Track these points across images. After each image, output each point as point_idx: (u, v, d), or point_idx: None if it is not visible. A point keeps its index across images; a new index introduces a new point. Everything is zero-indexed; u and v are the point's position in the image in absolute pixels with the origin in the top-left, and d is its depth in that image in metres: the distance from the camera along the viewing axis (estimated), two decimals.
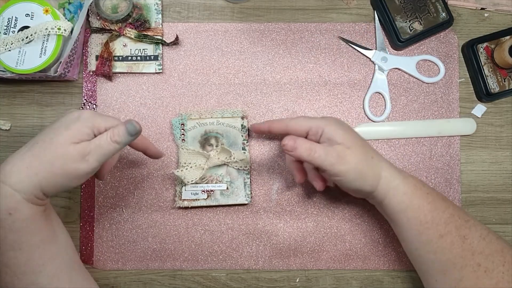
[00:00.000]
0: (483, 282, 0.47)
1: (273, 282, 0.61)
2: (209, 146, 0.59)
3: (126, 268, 0.60)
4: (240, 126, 0.59)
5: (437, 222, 0.49)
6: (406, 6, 0.60)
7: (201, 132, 0.59)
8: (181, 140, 0.59)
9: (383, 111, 0.61)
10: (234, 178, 0.59)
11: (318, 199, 0.61)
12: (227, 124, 0.59)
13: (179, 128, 0.59)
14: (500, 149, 0.62)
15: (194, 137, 0.59)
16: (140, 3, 0.61)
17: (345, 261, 0.61)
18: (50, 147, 0.44)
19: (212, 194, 0.59)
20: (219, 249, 0.60)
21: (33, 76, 0.57)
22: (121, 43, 0.60)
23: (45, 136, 0.45)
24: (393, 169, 0.51)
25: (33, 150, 0.45)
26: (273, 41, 0.62)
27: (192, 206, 0.59)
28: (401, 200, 0.50)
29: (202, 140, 0.59)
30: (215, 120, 0.59)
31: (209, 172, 0.59)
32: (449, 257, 0.49)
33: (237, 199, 0.59)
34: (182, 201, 0.59)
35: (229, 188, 0.59)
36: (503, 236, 0.61)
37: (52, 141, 0.44)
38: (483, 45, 0.61)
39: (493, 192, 0.62)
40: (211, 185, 0.59)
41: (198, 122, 0.59)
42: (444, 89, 0.62)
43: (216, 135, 0.59)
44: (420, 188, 0.51)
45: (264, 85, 0.62)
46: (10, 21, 0.57)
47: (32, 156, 0.44)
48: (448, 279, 0.49)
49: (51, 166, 0.44)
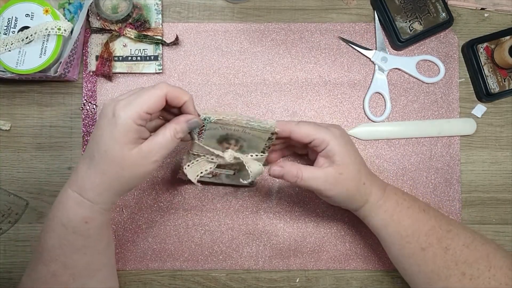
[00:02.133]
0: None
1: (273, 282, 0.61)
2: (227, 144, 0.52)
3: (126, 268, 0.60)
4: (267, 139, 0.51)
5: (417, 235, 0.50)
6: (406, 6, 0.60)
7: (222, 134, 0.51)
8: (197, 134, 0.50)
9: (383, 111, 0.61)
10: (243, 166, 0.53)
11: (318, 199, 0.61)
12: (253, 135, 0.51)
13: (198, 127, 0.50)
14: (500, 149, 0.62)
15: (213, 136, 0.51)
16: (140, 3, 0.61)
17: (345, 261, 0.61)
18: (112, 163, 0.44)
19: (218, 175, 0.57)
20: (219, 249, 0.60)
21: (33, 76, 0.57)
22: (121, 43, 0.60)
23: (99, 148, 0.44)
24: (379, 193, 0.51)
25: (98, 166, 0.44)
26: (273, 41, 0.62)
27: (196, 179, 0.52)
28: (382, 217, 0.51)
29: (220, 139, 0.52)
30: (241, 128, 0.50)
31: None
32: (433, 269, 0.49)
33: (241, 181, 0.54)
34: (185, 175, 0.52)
35: (236, 174, 0.57)
36: (503, 236, 0.61)
37: (109, 156, 0.44)
38: (483, 45, 0.61)
39: (493, 192, 0.62)
40: (218, 169, 0.55)
41: (221, 126, 0.50)
42: (444, 89, 0.62)
43: (238, 139, 0.51)
44: (401, 203, 0.51)
45: (264, 85, 0.62)
46: (10, 21, 0.57)
47: (100, 174, 0.44)
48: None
49: (122, 178, 0.45)
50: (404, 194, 0.53)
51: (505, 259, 0.49)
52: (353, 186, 0.50)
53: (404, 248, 0.50)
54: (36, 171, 0.61)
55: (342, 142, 0.50)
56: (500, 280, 0.47)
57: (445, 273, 0.48)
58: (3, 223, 0.60)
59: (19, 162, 0.61)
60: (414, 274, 0.51)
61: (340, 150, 0.49)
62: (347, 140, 0.51)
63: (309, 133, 0.49)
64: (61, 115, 0.61)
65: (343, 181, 0.49)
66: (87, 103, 0.61)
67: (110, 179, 0.45)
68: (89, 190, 0.45)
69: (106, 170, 0.44)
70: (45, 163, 0.61)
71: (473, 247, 0.49)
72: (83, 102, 0.61)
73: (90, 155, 0.45)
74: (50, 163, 0.61)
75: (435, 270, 0.49)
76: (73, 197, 0.45)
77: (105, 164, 0.44)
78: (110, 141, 0.43)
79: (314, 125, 0.50)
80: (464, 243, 0.49)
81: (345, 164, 0.49)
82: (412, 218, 0.50)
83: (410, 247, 0.50)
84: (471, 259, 0.48)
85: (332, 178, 0.49)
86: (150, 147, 0.44)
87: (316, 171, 0.49)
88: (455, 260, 0.48)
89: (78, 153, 0.61)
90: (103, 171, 0.44)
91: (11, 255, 0.60)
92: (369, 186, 0.51)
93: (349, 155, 0.50)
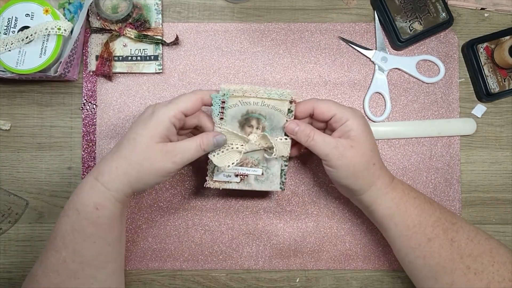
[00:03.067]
0: (474, 284, 0.47)
1: (273, 282, 0.61)
2: (249, 128, 0.53)
3: (126, 268, 0.60)
4: (287, 110, 0.52)
5: (424, 226, 0.50)
6: (406, 6, 0.60)
7: (243, 111, 0.52)
8: (219, 118, 0.52)
9: (383, 111, 0.61)
10: (271, 164, 0.54)
11: (318, 199, 0.61)
12: (273, 106, 0.52)
13: (219, 105, 0.51)
14: (500, 149, 0.62)
15: (233, 116, 0.52)
16: (140, 3, 0.61)
17: (345, 261, 0.61)
18: (135, 149, 0.47)
19: (246, 179, 0.54)
20: (219, 249, 0.60)
21: (33, 76, 0.57)
22: (121, 43, 0.60)
23: (128, 136, 0.48)
24: (388, 179, 0.51)
25: (120, 151, 0.48)
26: (273, 41, 0.62)
27: (223, 188, 0.54)
28: (388, 206, 0.50)
29: (242, 120, 0.52)
30: (260, 100, 0.52)
31: (245, 155, 0.54)
32: (439, 261, 0.49)
33: (271, 186, 0.55)
34: (213, 182, 0.54)
35: (264, 174, 0.54)
36: (503, 236, 0.61)
37: (135, 142, 0.47)
38: (483, 45, 0.61)
39: (493, 192, 0.62)
40: (246, 168, 0.54)
41: (241, 101, 0.52)
42: (444, 89, 0.62)
43: (259, 116, 0.52)
44: (408, 193, 0.51)
45: (264, 85, 0.62)
46: (10, 21, 0.57)
47: (120, 158, 0.47)
48: (439, 284, 0.49)
49: (140, 167, 0.47)
50: (410, 186, 0.53)
51: (508, 254, 0.49)
52: (362, 163, 0.49)
53: (410, 239, 0.50)
54: (36, 171, 0.61)
55: (361, 122, 0.50)
56: (503, 276, 0.47)
57: (450, 267, 0.48)
58: (3, 223, 0.60)
59: (19, 162, 0.61)
60: (419, 268, 0.50)
61: (357, 127, 0.49)
62: (365, 122, 0.51)
63: (331, 108, 0.50)
64: (61, 115, 0.61)
65: (353, 154, 0.49)
66: (87, 103, 0.61)
67: (128, 165, 0.47)
68: (105, 173, 0.47)
69: (127, 155, 0.47)
70: (45, 163, 0.61)
71: (477, 241, 0.49)
72: (83, 102, 0.61)
73: (119, 143, 0.49)
74: (50, 163, 0.61)
75: (441, 263, 0.49)
76: (89, 181, 0.48)
77: (128, 150, 0.47)
78: (141, 130, 0.47)
79: (336, 102, 0.51)
80: (468, 237, 0.49)
81: (359, 140, 0.49)
82: (418, 209, 0.50)
83: (417, 238, 0.49)
84: (475, 253, 0.48)
85: (343, 148, 0.48)
86: (175, 147, 0.47)
87: (329, 137, 0.49)
88: (460, 253, 0.48)
89: (78, 153, 0.61)
90: (124, 156, 0.47)
91: (11, 255, 0.60)
92: (378, 169, 0.50)
93: (365, 134, 0.50)
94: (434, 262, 0.49)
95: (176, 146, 0.48)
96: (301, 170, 0.61)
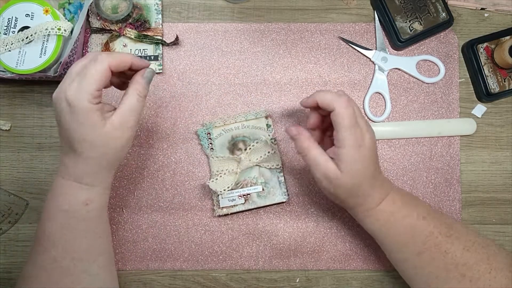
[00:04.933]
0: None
1: (273, 282, 0.61)
2: (238, 151, 0.59)
3: (126, 268, 0.60)
4: (266, 126, 0.60)
5: (414, 241, 0.49)
6: (406, 6, 0.60)
7: (228, 138, 0.59)
8: (209, 149, 0.59)
9: (383, 111, 0.61)
10: (268, 178, 0.59)
11: (318, 199, 0.61)
12: (253, 126, 0.59)
13: (206, 138, 0.59)
14: (500, 149, 0.62)
15: (222, 144, 0.59)
16: (140, 3, 0.61)
17: (345, 261, 0.61)
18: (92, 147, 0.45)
19: (249, 198, 0.59)
20: (219, 249, 0.60)
21: (33, 76, 0.57)
22: (121, 43, 0.60)
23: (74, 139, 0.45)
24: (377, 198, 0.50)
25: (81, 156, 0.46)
26: (273, 41, 0.62)
27: (231, 212, 0.59)
28: (372, 228, 0.51)
29: (230, 146, 0.59)
30: (240, 124, 0.59)
31: (243, 176, 0.59)
32: (431, 270, 0.49)
33: (274, 199, 0.59)
34: (221, 209, 0.59)
35: (264, 189, 0.59)
36: (503, 236, 0.61)
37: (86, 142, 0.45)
38: (483, 45, 0.61)
39: (493, 192, 0.62)
40: (246, 188, 0.59)
41: (224, 129, 0.59)
42: (444, 89, 0.62)
43: (243, 138, 0.59)
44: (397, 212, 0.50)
45: (264, 85, 0.62)
46: (10, 21, 0.57)
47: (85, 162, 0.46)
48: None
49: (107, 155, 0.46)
50: (405, 202, 0.51)
51: (506, 260, 0.48)
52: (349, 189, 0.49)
53: (399, 252, 0.51)
54: (36, 171, 0.61)
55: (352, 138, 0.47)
56: (500, 282, 0.47)
57: (444, 275, 0.48)
58: (3, 223, 0.60)
59: (19, 162, 0.61)
60: (411, 276, 0.51)
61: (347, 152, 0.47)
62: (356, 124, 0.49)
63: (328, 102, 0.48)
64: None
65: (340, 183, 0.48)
66: None
67: (98, 162, 0.47)
68: (84, 177, 0.47)
69: (91, 156, 0.46)
70: (45, 163, 0.61)
71: (474, 250, 0.49)
72: None
73: (71, 147, 0.46)
74: (50, 163, 0.61)
75: (434, 272, 0.49)
76: (70, 185, 0.47)
77: (88, 151, 0.46)
78: (80, 129, 0.44)
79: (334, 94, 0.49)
80: (464, 247, 0.49)
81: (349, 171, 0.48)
82: (407, 227, 0.50)
83: (407, 251, 0.50)
84: (471, 262, 0.48)
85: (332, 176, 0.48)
86: (121, 117, 0.46)
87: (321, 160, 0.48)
88: (455, 263, 0.48)
89: None
90: (89, 158, 0.46)
91: (11, 255, 0.60)
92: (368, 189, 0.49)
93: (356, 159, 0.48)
94: (426, 271, 0.49)
95: (121, 114, 0.46)
96: (301, 170, 0.61)
